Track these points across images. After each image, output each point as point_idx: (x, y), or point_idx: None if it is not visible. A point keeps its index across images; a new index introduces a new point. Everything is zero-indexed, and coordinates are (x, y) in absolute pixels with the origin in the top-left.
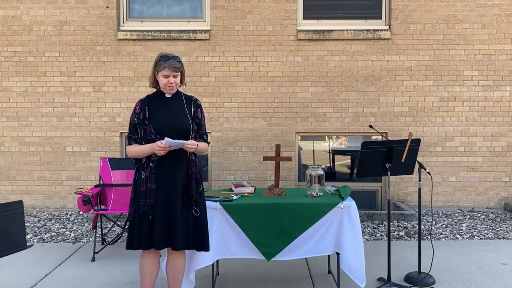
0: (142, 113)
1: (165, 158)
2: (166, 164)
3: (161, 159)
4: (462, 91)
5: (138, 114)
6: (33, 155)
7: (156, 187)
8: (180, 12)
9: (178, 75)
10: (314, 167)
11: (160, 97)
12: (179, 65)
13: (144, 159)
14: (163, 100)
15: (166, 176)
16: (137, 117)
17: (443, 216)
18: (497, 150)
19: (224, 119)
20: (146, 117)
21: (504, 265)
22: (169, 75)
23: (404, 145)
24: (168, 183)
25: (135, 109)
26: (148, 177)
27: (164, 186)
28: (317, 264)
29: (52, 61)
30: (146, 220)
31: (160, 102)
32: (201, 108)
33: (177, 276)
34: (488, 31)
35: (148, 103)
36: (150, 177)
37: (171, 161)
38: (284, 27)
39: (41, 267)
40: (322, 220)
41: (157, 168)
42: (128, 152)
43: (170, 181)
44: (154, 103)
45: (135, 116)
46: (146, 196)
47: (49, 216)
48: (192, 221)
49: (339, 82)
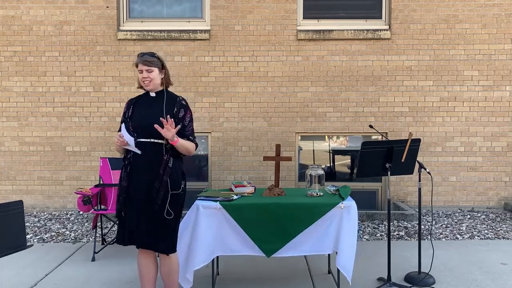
0: (127, 111)
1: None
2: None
3: (134, 157)
4: (462, 91)
5: (124, 113)
6: (33, 155)
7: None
8: (180, 12)
9: (152, 70)
10: (314, 167)
11: (146, 96)
12: (150, 59)
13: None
14: (146, 100)
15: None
16: (123, 115)
17: (443, 216)
18: (497, 150)
19: (224, 119)
20: (129, 115)
21: (504, 265)
22: (142, 69)
23: (404, 145)
24: (138, 181)
25: (124, 108)
26: (123, 176)
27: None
28: (317, 264)
29: (52, 61)
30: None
31: (144, 101)
32: (185, 108)
33: (171, 278)
34: (488, 31)
35: (134, 103)
36: (124, 175)
37: (143, 160)
38: (284, 27)
39: (41, 267)
40: (322, 220)
41: (129, 166)
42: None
43: (139, 180)
44: (139, 102)
45: (123, 114)
46: (120, 194)
47: (49, 216)
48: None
49: (339, 82)
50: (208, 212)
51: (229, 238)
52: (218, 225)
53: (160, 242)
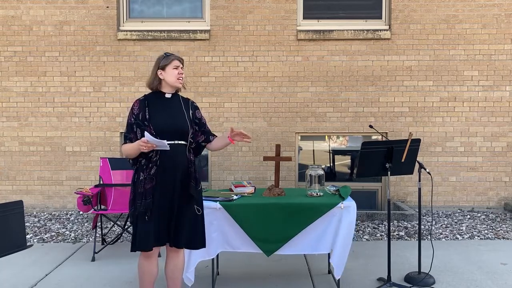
0: (141, 113)
1: (165, 159)
2: (165, 163)
3: (161, 159)
4: (462, 91)
5: (136, 115)
6: (33, 155)
7: (155, 186)
8: (180, 12)
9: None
10: (314, 167)
11: (159, 97)
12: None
13: (143, 160)
14: (163, 101)
15: (165, 176)
16: (135, 117)
17: (443, 216)
18: (497, 150)
19: (224, 119)
20: (146, 117)
21: (504, 265)
22: (179, 65)
23: (404, 145)
24: (167, 182)
25: (133, 109)
26: (146, 178)
27: (163, 186)
28: (317, 264)
29: (52, 61)
30: (145, 221)
31: (160, 103)
32: (199, 109)
33: (176, 276)
34: (488, 31)
35: (147, 104)
36: (149, 177)
37: (171, 161)
38: (284, 27)
39: (41, 267)
40: (322, 220)
41: (156, 167)
42: (123, 150)
43: (169, 181)
44: (154, 103)
45: (133, 116)
46: (143, 197)
47: (49, 216)
48: (193, 220)
49: (339, 82)
50: (208, 212)
51: (229, 237)
52: (218, 225)
53: (198, 238)
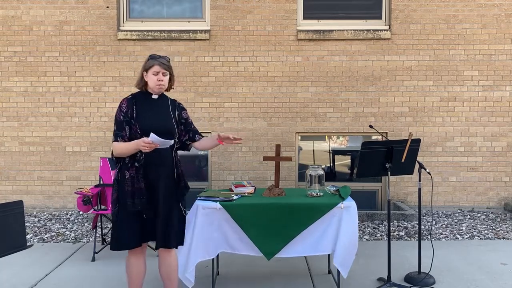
0: (129, 111)
1: (151, 158)
2: (152, 163)
3: (146, 158)
4: (462, 91)
5: (125, 112)
6: (33, 155)
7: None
8: (180, 12)
9: (167, 74)
10: (314, 167)
11: (146, 97)
12: (168, 63)
13: (127, 158)
14: (150, 101)
15: (153, 176)
16: (123, 115)
17: (443, 216)
18: (497, 150)
19: (224, 119)
20: (133, 116)
21: (504, 265)
22: (159, 71)
23: (404, 145)
24: (155, 182)
25: (121, 107)
26: (134, 176)
27: (151, 186)
28: (317, 264)
29: (52, 61)
30: (134, 219)
31: (147, 103)
32: (185, 110)
33: (171, 276)
34: (488, 31)
35: (135, 102)
36: (137, 176)
37: (157, 160)
38: (284, 27)
39: (41, 267)
40: (322, 220)
41: (143, 167)
42: (114, 148)
43: (157, 181)
44: (141, 102)
45: (121, 114)
46: (134, 196)
47: (49, 216)
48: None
49: (339, 82)
50: (208, 212)
51: (229, 237)
52: (219, 225)
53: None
